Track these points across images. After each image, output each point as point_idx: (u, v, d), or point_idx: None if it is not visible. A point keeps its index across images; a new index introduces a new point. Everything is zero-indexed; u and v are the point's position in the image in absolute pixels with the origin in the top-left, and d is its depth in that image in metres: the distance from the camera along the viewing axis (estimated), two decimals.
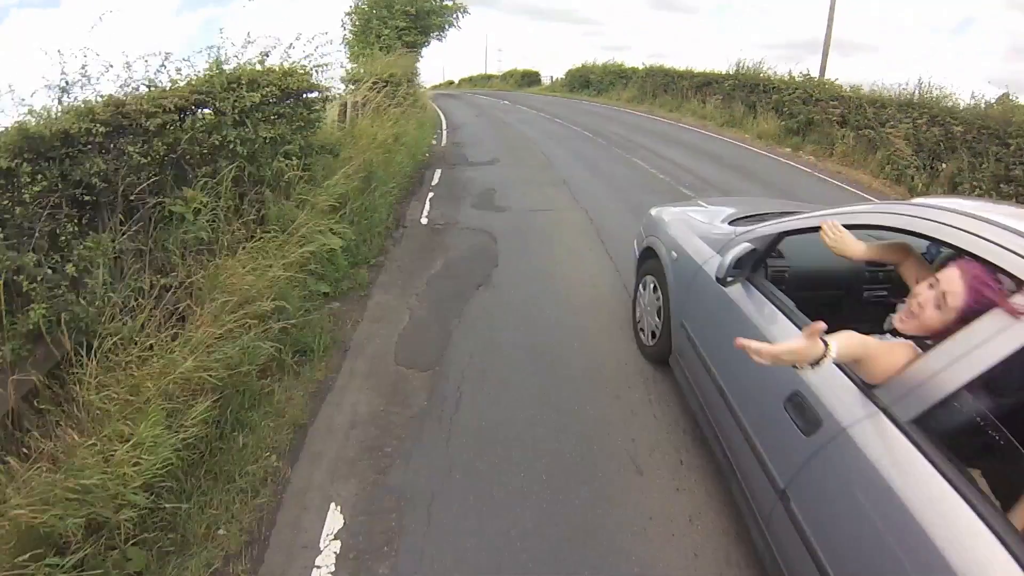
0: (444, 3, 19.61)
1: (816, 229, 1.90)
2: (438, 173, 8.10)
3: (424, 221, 5.83)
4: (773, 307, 1.96)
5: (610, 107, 18.41)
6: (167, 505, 2.11)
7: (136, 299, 2.56)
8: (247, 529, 2.16)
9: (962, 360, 1.25)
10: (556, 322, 3.65)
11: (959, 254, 1.42)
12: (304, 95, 4.10)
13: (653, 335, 3.05)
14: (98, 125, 2.50)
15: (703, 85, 15.71)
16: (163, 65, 3.13)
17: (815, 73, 13.59)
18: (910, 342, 1.45)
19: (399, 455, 2.56)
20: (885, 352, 1.44)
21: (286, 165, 3.65)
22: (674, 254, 2.78)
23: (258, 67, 3.69)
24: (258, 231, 3.39)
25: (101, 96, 2.72)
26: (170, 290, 2.68)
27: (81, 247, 2.36)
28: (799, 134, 11.51)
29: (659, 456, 2.50)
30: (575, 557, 2.02)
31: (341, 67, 4.45)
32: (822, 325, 1.29)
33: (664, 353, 2.88)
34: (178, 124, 2.98)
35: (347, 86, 8.46)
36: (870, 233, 2.12)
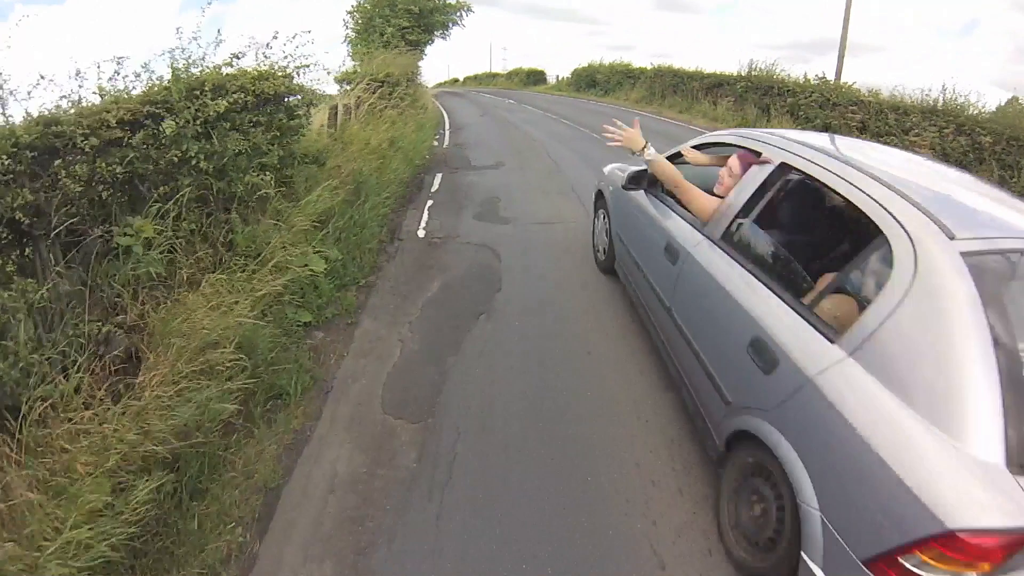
0: (447, 1, 19.25)
1: (678, 155, 3.29)
2: (439, 178, 7.70)
3: (421, 234, 5.41)
4: (665, 207, 3.04)
5: (618, 107, 17.97)
6: None
7: (76, 351, 2.16)
8: None
9: (740, 194, 2.41)
10: (565, 364, 3.20)
11: (739, 149, 2.69)
12: (285, 99, 3.68)
13: (603, 251, 4.31)
14: (22, 150, 2.09)
15: (714, 86, 15.27)
16: (117, 72, 2.72)
17: (829, 75, 13.13)
18: (720, 199, 2.56)
19: (382, 532, 2.18)
20: (700, 197, 2.63)
21: (261, 179, 3.22)
22: (611, 188, 4.07)
23: (227, 70, 3.26)
24: (226, 256, 2.98)
25: (29, 114, 2.30)
26: (113, 337, 2.28)
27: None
28: None
29: (685, 544, 2.10)
30: None
31: (325, 69, 3.94)
32: (637, 123, 2.97)
33: (611, 263, 4.11)
34: (127, 140, 2.56)
35: (341, 86, 8.04)
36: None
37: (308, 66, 3.79)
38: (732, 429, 2.00)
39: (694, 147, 3.26)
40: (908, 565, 1.33)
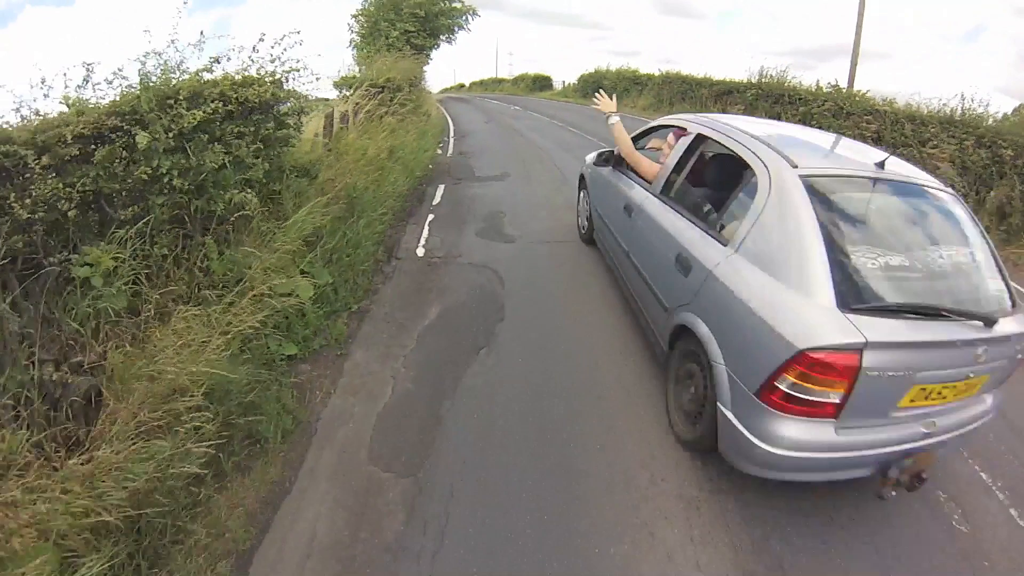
0: (453, 5, 19.09)
1: (641, 136, 4.27)
2: (440, 189, 7.44)
3: (420, 252, 5.15)
4: (627, 178, 3.88)
5: (625, 115, 17.53)
6: None
7: (22, 403, 1.92)
8: None
9: (672, 158, 3.32)
10: (574, 412, 2.91)
11: (676, 128, 3.58)
12: (274, 107, 3.41)
13: (584, 227, 5.19)
14: None
15: (723, 94, 14.94)
16: (86, 79, 2.46)
17: (837, 81, 12.78)
18: (660, 164, 3.47)
19: None
20: (646, 162, 3.59)
21: (244, 197, 2.92)
22: (589, 171, 4.92)
23: (207, 76, 3.01)
24: (203, 283, 2.70)
25: None
26: (70, 382, 2.04)
27: None
28: None
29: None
30: None
31: (314, 75, 3.63)
32: (613, 100, 3.99)
33: (591, 234, 4.97)
34: (88, 156, 2.29)
35: (340, 91, 7.76)
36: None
37: (298, 70, 3.52)
38: (671, 327, 2.70)
39: (652, 127, 4.25)
40: (783, 388, 1.92)
